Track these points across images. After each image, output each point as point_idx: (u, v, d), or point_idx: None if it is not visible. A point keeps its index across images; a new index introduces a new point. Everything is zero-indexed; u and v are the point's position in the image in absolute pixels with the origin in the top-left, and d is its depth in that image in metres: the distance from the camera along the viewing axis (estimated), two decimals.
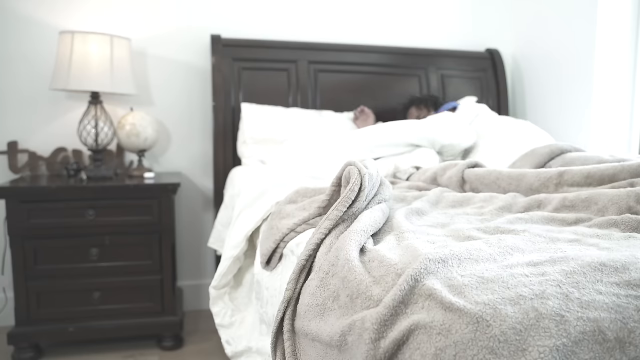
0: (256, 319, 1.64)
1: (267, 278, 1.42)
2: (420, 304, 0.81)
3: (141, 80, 2.70)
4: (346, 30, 2.96)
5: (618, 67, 2.51)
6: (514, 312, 0.73)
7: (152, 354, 2.35)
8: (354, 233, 1.07)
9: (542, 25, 2.87)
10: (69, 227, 2.25)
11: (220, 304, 1.75)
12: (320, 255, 1.10)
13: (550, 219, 1.22)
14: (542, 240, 1.05)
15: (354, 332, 0.84)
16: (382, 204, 1.28)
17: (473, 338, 0.71)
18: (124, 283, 2.33)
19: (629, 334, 0.72)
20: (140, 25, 2.69)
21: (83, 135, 2.44)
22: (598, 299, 0.77)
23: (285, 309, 1.06)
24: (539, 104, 2.92)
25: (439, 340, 0.74)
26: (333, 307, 0.94)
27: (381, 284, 0.89)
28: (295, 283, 1.09)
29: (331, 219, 1.16)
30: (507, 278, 0.83)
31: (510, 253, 0.96)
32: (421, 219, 1.29)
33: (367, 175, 1.22)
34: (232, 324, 1.72)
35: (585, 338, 0.70)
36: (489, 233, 1.12)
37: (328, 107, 2.77)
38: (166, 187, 2.33)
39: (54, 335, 2.28)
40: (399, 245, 1.05)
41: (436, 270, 0.87)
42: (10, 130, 2.57)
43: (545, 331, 0.70)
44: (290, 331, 1.03)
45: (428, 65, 2.94)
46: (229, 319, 1.73)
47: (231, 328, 1.73)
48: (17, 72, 2.56)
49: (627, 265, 0.85)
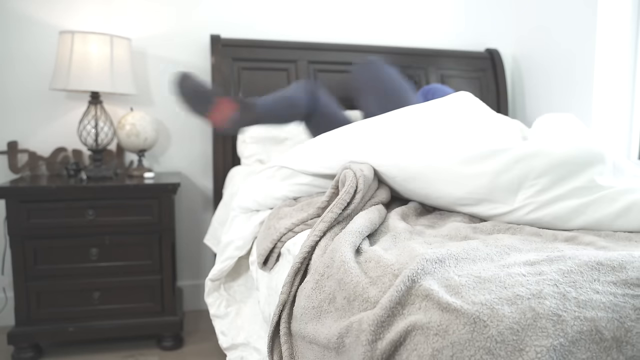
0: (257, 311, 1.63)
1: (264, 276, 1.42)
2: (417, 305, 0.81)
3: (141, 80, 2.70)
4: (346, 30, 2.96)
5: (618, 67, 2.50)
6: (511, 312, 0.73)
7: (152, 354, 2.36)
8: (348, 234, 1.07)
9: (542, 25, 2.86)
10: (69, 227, 2.25)
11: (215, 295, 1.72)
12: (315, 257, 1.10)
13: None
14: (539, 240, 1.05)
15: (351, 333, 0.84)
16: (379, 205, 1.28)
17: (470, 339, 0.71)
18: (124, 283, 2.33)
19: (626, 333, 0.72)
20: (140, 25, 2.69)
21: (83, 135, 2.44)
22: (595, 298, 0.77)
23: (281, 313, 1.07)
24: (539, 104, 2.92)
25: (436, 341, 0.74)
26: (330, 310, 0.94)
27: (378, 285, 0.89)
28: (290, 286, 1.09)
29: (326, 221, 1.16)
30: (504, 278, 0.83)
31: (508, 253, 0.96)
32: (417, 220, 1.29)
33: (362, 177, 1.23)
34: (227, 314, 1.70)
35: (583, 338, 0.71)
36: (486, 233, 1.12)
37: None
38: (166, 187, 2.33)
39: (54, 335, 2.28)
40: (396, 245, 1.05)
41: (433, 271, 0.87)
42: (10, 130, 2.58)
43: (543, 331, 0.70)
44: (287, 334, 1.03)
45: (428, 65, 2.94)
46: (223, 310, 1.69)
47: (226, 319, 1.70)
48: (17, 72, 2.56)
49: (624, 265, 0.85)
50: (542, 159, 1.19)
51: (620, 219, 1.09)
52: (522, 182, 1.19)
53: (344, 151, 1.41)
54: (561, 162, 1.18)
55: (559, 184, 1.17)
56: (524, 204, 1.17)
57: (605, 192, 1.12)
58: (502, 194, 1.20)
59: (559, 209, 1.13)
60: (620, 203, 1.10)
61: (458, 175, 1.24)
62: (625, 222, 1.08)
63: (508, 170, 1.20)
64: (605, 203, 1.11)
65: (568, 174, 1.17)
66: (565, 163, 1.18)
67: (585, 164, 1.18)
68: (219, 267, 1.67)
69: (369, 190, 1.30)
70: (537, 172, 1.18)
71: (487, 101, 2.97)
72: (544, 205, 1.15)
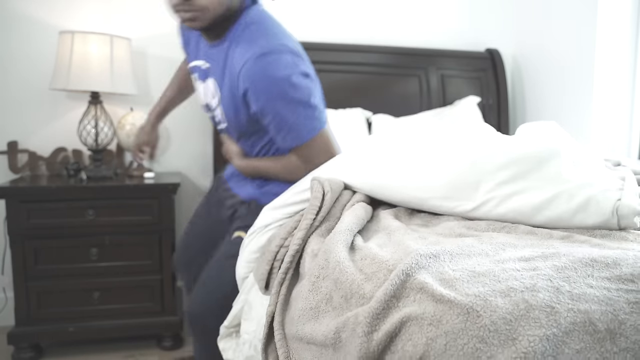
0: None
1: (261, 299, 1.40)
2: (411, 297, 0.82)
3: (141, 80, 2.71)
4: (346, 30, 2.97)
5: (618, 67, 2.50)
6: (504, 303, 0.74)
7: (152, 354, 2.36)
8: (339, 234, 1.07)
9: (542, 25, 2.86)
10: (69, 227, 2.26)
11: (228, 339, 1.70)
12: (306, 262, 1.11)
13: None
14: (534, 238, 1.05)
15: (347, 327, 0.85)
16: (362, 203, 1.29)
17: (463, 328, 0.72)
18: (124, 283, 2.33)
19: (619, 326, 0.72)
20: (140, 25, 2.70)
21: (83, 135, 2.44)
22: (589, 292, 0.77)
23: (272, 321, 1.08)
24: (539, 104, 2.91)
25: (430, 330, 0.74)
26: (327, 309, 0.95)
27: (373, 281, 0.90)
28: (276, 296, 1.10)
29: (302, 228, 1.17)
30: (499, 272, 0.84)
31: (503, 249, 0.96)
32: (411, 220, 1.29)
33: (326, 181, 1.27)
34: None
35: (576, 329, 0.71)
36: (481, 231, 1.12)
37: (328, 107, 2.76)
38: (166, 187, 2.34)
39: (54, 335, 2.28)
40: (390, 242, 1.06)
41: (428, 265, 0.87)
42: (10, 130, 2.58)
43: (536, 321, 0.70)
44: (282, 339, 1.03)
45: (428, 65, 2.94)
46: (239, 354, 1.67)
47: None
48: (17, 72, 2.57)
49: (618, 261, 0.85)
50: (499, 155, 1.22)
51: (579, 214, 1.09)
52: (481, 177, 1.20)
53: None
54: (517, 157, 1.20)
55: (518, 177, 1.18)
56: (486, 198, 1.18)
57: (565, 187, 1.13)
58: (464, 190, 1.21)
59: (520, 205, 1.14)
60: (579, 198, 1.10)
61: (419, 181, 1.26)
62: (585, 216, 1.08)
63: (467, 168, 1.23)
64: (565, 198, 1.11)
65: (526, 167, 1.18)
66: (521, 158, 1.20)
67: (541, 158, 1.19)
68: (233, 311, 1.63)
69: (344, 195, 1.31)
70: (495, 166, 1.20)
71: (488, 101, 2.97)
72: (505, 199, 1.16)
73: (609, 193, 1.09)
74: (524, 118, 3.03)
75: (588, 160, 1.33)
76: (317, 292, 0.99)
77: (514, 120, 3.11)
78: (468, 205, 1.21)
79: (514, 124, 3.09)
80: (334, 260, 0.98)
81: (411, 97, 2.89)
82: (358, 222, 1.16)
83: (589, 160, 1.33)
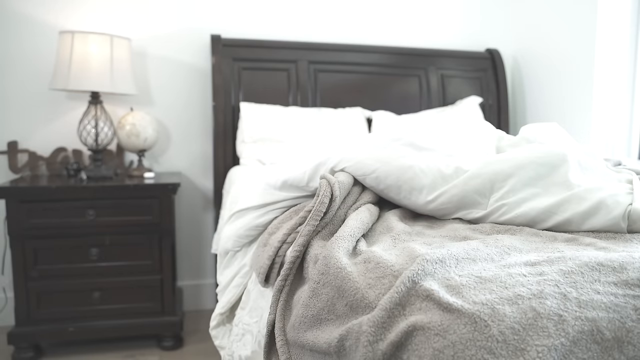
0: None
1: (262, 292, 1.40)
2: (417, 305, 0.81)
3: (141, 80, 2.70)
4: (346, 30, 2.96)
5: (618, 67, 2.50)
6: (512, 312, 0.73)
7: (152, 354, 2.35)
8: (340, 239, 1.06)
9: (542, 25, 2.86)
10: (69, 227, 2.25)
11: (221, 327, 1.68)
12: (308, 267, 1.11)
13: None
14: (538, 240, 1.05)
15: (351, 336, 0.84)
16: (369, 205, 1.28)
17: (471, 338, 0.71)
18: (124, 283, 2.33)
19: (627, 334, 0.72)
20: (140, 25, 2.69)
21: (83, 135, 2.44)
22: (596, 298, 0.77)
23: (272, 329, 1.07)
24: (539, 104, 2.92)
25: (437, 341, 0.74)
26: (330, 317, 0.94)
27: (378, 287, 0.89)
28: (276, 304, 1.10)
29: (304, 235, 1.16)
30: (505, 278, 0.83)
31: (508, 253, 0.96)
32: (416, 221, 1.29)
33: (336, 183, 1.24)
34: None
35: (584, 338, 0.70)
36: (485, 233, 1.12)
37: (328, 107, 2.76)
38: (166, 187, 2.33)
39: (54, 335, 2.28)
40: (395, 246, 1.05)
41: (433, 271, 0.86)
42: (10, 130, 2.57)
43: (544, 331, 0.70)
44: (284, 345, 1.03)
45: (428, 65, 2.94)
46: (227, 341, 1.64)
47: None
48: (17, 72, 2.56)
49: (624, 265, 0.85)
50: (507, 162, 1.24)
51: (588, 218, 1.10)
52: (492, 185, 1.22)
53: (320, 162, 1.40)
54: (525, 164, 1.22)
55: (527, 185, 1.20)
56: (496, 206, 1.20)
57: (575, 192, 1.14)
58: (474, 200, 1.24)
59: (530, 209, 1.15)
60: (589, 202, 1.11)
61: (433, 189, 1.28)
62: (595, 220, 1.09)
63: (477, 176, 1.25)
64: (575, 202, 1.12)
65: (535, 174, 1.21)
66: (529, 164, 1.22)
67: (549, 164, 1.21)
68: (226, 298, 1.61)
69: (351, 194, 1.30)
70: (504, 175, 1.22)
71: (488, 101, 2.97)
72: (515, 206, 1.18)
73: (619, 197, 1.10)
74: (524, 118, 3.03)
75: (595, 164, 1.33)
76: (317, 298, 0.98)
77: (514, 120, 3.11)
78: (478, 213, 1.22)
79: (514, 124, 3.09)
80: (335, 266, 0.97)
81: (411, 96, 2.89)
82: (362, 227, 1.15)
83: (595, 164, 1.34)
